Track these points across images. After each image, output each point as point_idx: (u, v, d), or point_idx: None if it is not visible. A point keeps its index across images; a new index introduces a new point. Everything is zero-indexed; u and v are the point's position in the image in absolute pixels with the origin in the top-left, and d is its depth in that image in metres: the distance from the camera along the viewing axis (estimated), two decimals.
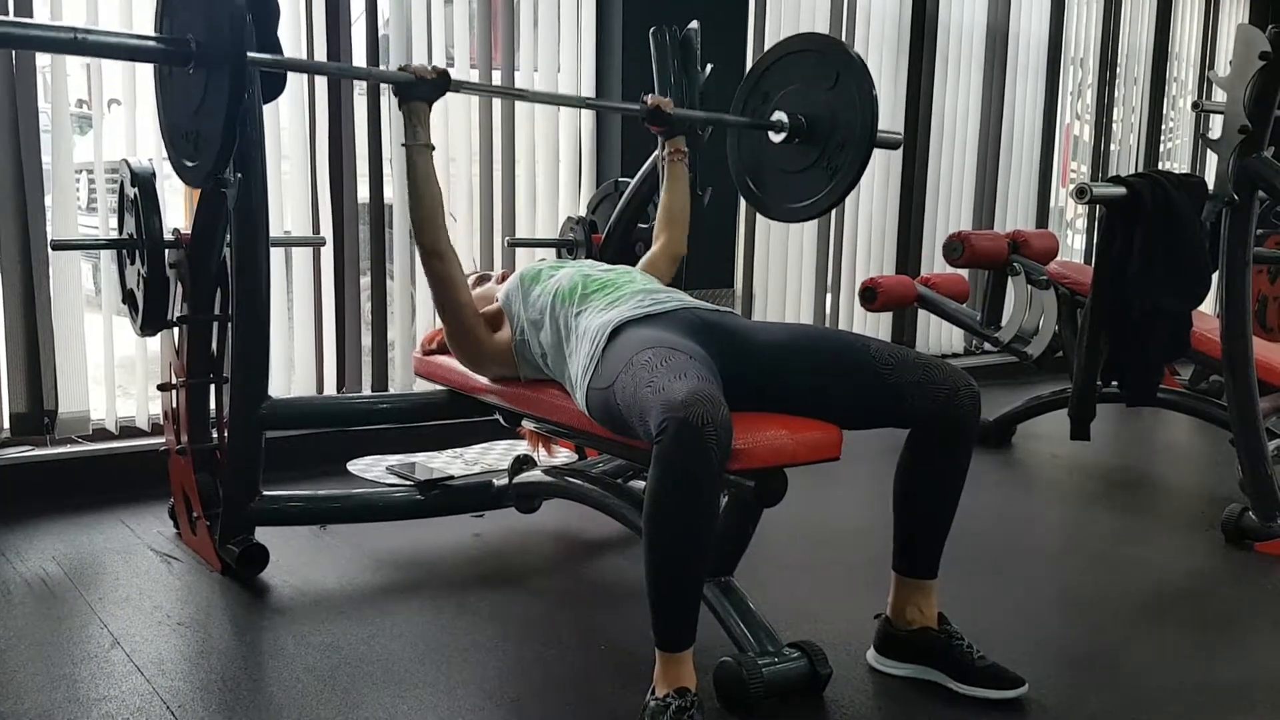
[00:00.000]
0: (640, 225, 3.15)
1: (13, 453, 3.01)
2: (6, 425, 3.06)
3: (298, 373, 3.51)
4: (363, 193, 3.59)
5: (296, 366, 3.51)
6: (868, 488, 3.05)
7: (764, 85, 2.77)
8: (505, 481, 2.63)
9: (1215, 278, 2.68)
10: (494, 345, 2.25)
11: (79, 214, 3.17)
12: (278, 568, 2.43)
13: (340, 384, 3.60)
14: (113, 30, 2.47)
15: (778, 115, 2.71)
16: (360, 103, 3.54)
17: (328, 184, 3.49)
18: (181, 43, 1.95)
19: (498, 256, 3.85)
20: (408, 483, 3.01)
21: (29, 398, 3.04)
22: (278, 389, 3.25)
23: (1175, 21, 6.10)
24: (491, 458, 3.42)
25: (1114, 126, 5.92)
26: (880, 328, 4.95)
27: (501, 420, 2.45)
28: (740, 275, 4.46)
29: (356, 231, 3.59)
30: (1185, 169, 6.21)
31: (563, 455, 2.97)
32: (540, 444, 2.77)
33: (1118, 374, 2.65)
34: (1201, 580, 2.60)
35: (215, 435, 2.56)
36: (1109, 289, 2.57)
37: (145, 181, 2.44)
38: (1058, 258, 3.55)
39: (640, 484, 2.19)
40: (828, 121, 2.63)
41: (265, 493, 2.46)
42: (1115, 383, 2.67)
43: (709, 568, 1.92)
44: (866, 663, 2.00)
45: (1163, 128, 6.14)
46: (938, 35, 4.97)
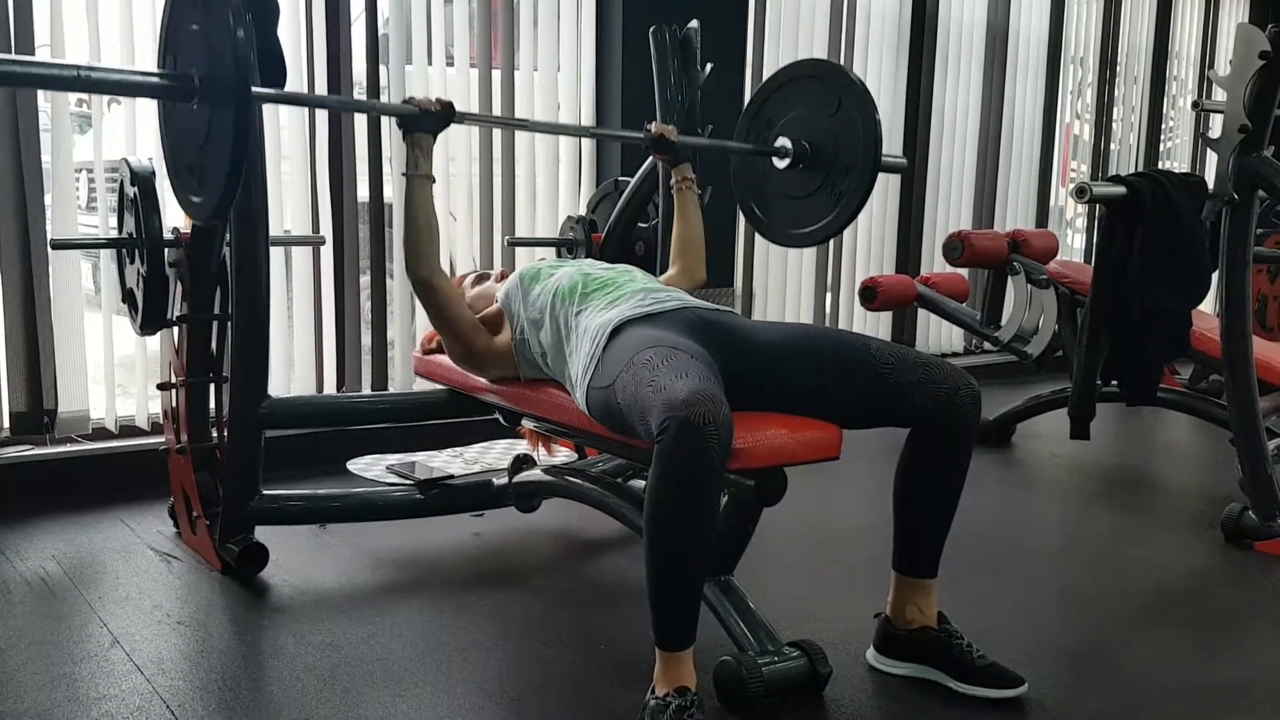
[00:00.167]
0: (640, 225, 3.15)
1: (12, 452, 3.01)
2: (6, 424, 3.06)
3: (297, 372, 3.51)
4: (362, 192, 3.59)
5: (296, 366, 3.51)
6: (868, 487, 3.05)
7: (766, 112, 2.75)
8: (505, 481, 2.63)
9: (1215, 277, 2.69)
10: (494, 350, 2.25)
11: (79, 213, 3.18)
12: (277, 567, 2.43)
13: (340, 383, 3.60)
14: (115, 68, 2.45)
15: (781, 141, 2.70)
16: None
17: (327, 183, 3.49)
18: (185, 79, 1.91)
19: (498, 256, 3.85)
20: (407, 482, 3.00)
21: (29, 397, 3.04)
22: (277, 388, 3.25)
23: (1175, 20, 6.10)
24: (491, 457, 3.42)
25: (1114, 126, 5.92)
26: (880, 327, 4.95)
27: (501, 419, 2.45)
28: (740, 275, 4.46)
29: (356, 231, 3.59)
30: (1185, 168, 6.21)
31: (562, 454, 2.96)
32: (540, 443, 2.76)
33: (1118, 373, 2.65)
34: (1201, 580, 2.60)
35: (215, 434, 2.56)
36: (1109, 288, 2.57)
37: (145, 181, 2.44)
38: (1058, 257, 3.55)
39: (640, 483, 2.19)
40: (831, 147, 2.62)
41: (265, 492, 2.46)
42: (1115, 382, 2.67)
43: (709, 567, 1.92)
44: (866, 662, 2.00)
45: (1163, 127, 6.14)
46: (938, 34, 4.97)
